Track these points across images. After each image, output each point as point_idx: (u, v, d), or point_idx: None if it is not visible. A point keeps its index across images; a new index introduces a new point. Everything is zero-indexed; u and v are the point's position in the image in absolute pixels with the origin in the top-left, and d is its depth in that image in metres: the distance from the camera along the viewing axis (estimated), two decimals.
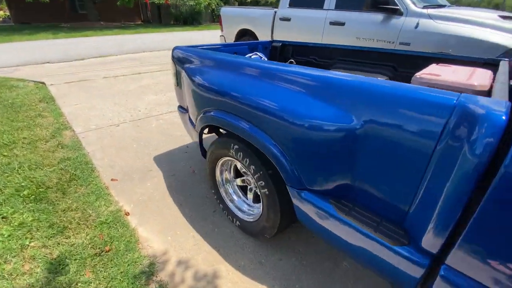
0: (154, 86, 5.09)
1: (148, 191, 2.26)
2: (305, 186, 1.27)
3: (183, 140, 3.10)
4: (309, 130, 1.14)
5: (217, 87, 1.54)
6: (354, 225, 1.11)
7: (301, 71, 1.21)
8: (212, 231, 1.88)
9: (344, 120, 1.06)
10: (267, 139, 1.30)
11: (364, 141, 1.04)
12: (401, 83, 0.97)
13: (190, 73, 1.84)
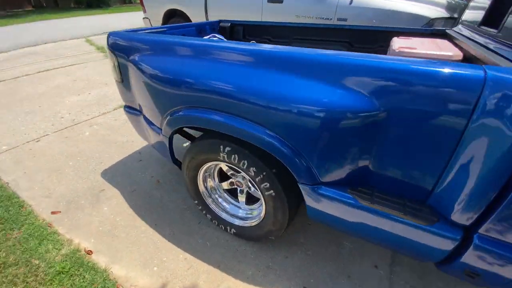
0: (72, 84, 4.17)
1: (109, 217, 1.84)
2: (319, 181, 1.17)
3: (132, 146, 2.63)
4: (326, 119, 1.01)
5: (193, 80, 1.26)
6: (381, 212, 1.07)
7: (309, 53, 1.05)
8: (204, 247, 1.66)
9: (366, 103, 0.97)
10: (272, 136, 1.13)
11: (388, 123, 0.97)
12: (423, 60, 0.91)
13: (142, 66, 1.47)
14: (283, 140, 1.13)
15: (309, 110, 1.02)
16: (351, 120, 0.99)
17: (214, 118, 1.24)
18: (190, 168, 1.56)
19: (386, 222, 1.08)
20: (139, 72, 1.49)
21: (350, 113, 0.98)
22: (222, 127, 1.24)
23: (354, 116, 0.98)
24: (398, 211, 1.05)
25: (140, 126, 1.91)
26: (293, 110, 1.04)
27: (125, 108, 1.97)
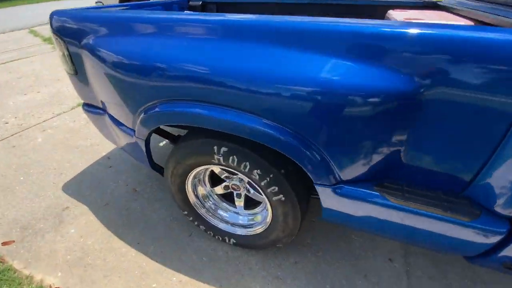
0: (17, 82, 3.55)
1: (78, 241, 1.52)
2: (339, 179, 0.98)
3: (98, 150, 2.25)
4: (353, 102, 0.81)
5: (167, 64, 0.98)
6: (415, 210, 0.92)
7: (328, 22, 0.82)
8: (199, 263, 1.42)
9: (401, 82, 0.78)
10: (280, 129, 0.91)
11: (428, 105, 0.80)
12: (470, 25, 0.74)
13: (99, 52, 1.15)
14: (295, 134, 0.91)
15: (330, 92, 0.81)
16: (384, 103, 0.80)
17: (202, 113, 0.99)
18: (175, 175, 1.30)
19: (419, 220, 0.93)
20: (97, 60, 1.17)
21: (383, 94, 0.79)
22: (215, 124, 0.99)
23: (387, 97, 0.79)
24: (436, 207, 0.90)
25: (105, 128, 1.58)
26: (307, 94, 0.83)
27: (84, 106, 1.61)
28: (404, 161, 0.93)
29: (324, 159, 0.94)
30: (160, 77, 1.01)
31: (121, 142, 1.54)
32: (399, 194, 0.94)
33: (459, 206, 0.90)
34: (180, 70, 0.96)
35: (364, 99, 0.80)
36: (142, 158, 1.42)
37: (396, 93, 0.78)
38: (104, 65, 1.17)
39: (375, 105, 0.80)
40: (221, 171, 1.34)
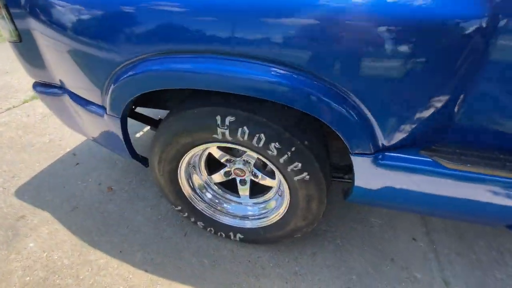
0: None
1: (39, 258, 1.19)
2: (381, 145, 0.79)
3: (60, 147, 1.88)
4: (408, 35, 0.61)
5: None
6: (477, 175, 0.75)
7: None
8: (201, 268, 1.17)
9: (463, 5, 0.59)
10: (314, 84, 0.69)
11: (496, 37, 0.62)
12: None
13: (55, 5, 0.85)
14: (330, 87, 0.70)
15: (379, 22, 0.61)
16: (448, 34, 0.61)
17: (204, 68, 0.73)
18: (165, 162, 1.02)
19: (479, 186, 0.77)
20: (48, 13, 0.86)
21: (438, 22, 0.60)
22: (221, 82, 0.74)
23: (445, 26, 0.60)
24: (501, 169, 0.74)
25: (66, 112, 1.25)
26: (348, 29, 0.61)
27: (35, 87, 1.26)
28: (457, 118, 0.76)
29: (365, 120, 0.73)
30: (139, 23, 0.74)
31: (88, 128, 1.23)
32: (454, 157, 0.77)
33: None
34: (167, 12, 0.70)
35: (425, 28, 0.60)
36: (118, 145, 1.12)
37: (465, 19, 0.60)
38: (58, 20, 0.86)
39: (439, 36, 0.61)
40: (222, 154, 1.09)
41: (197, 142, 0.92)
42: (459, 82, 0.68)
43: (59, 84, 1.16)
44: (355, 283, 1.13)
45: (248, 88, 0.73)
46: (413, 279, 1.14)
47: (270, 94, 0.72)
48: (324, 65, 0.67)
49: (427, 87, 0.70)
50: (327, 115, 0.73)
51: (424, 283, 1.13)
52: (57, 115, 1.35)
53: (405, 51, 0.64)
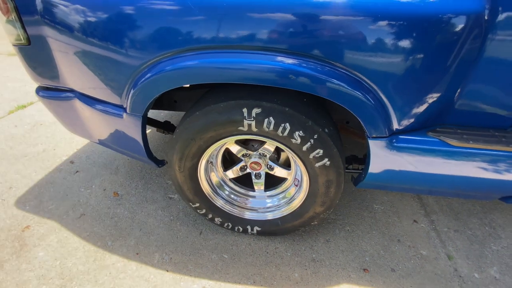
0: None
1: (52, 266, 1.15)
2: (394, 129, 0.87)
3: (55, 155, 1.81)
4: (420, 28, 0.71)
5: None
6: (480, 150, 0.85)
7: None
8: (221, 262, 1.19)
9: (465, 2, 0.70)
10: (338, 74, 0.76)
11: (495, 27, 0.73)
12: None
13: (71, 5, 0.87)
14: (350, 76, 0.77)
15: (393, 17, 0.69)
16: (449, 26, 0.71)
17: (237, 62, 0.78)
18: (186, 158, 1.05)
19: (481, 162, 0.88)
20: (63, 17, 0.88)
21: (448, 15, 0.70)
22: (251, 74, 0.79)
23: (452, 19, 0.70)
24: (499, 144, 0.85)
25: (72, 115, 1.24)
26: (367, 22, 0.70)
27: (39, 91, 1.24)
28: (457, 102, 0.86)
29: (383, 105, 0.82)
30: (169, 20, 0.77)
31: (98, 131, 1.22)
32: (457, 136, 0.87)
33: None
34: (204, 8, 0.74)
35: (435, 22, 0.70)
36: (134, 145, 1.13)
37: (468, 13, 0.70)
38: (75, 24, 0.88)
39: (445, 29, 0.71)
40: (239, 149, 1.13)
41: (222, 136, 0.96)
42: (460, 71, 0.78)
43: (69, 88, 1.15)
44: (369, 264, 1.20)
45: (275, 78, 0.78)
46: (420, 256, 1.24)
47: (295, 84, 0.78)
48: (345, 55, 0.74)
49: (434, 74, 0.79)
50: (353, 103, 0.80)
51: (430, 258, 1.22)
52: (61, 119, 1.33)
53: (413, 41, 0.73)
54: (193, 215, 1.40)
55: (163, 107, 1.38)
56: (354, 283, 1.12)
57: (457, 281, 1.14)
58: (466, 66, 0.78)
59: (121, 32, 0.86)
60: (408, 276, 1.16)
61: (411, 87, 0.80)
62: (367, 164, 0.97)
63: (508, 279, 1.15)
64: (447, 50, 0.75)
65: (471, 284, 1.13)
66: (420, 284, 1.13)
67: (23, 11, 0.98)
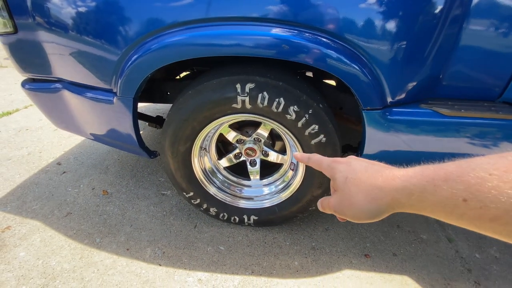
0: None
1: (34, 265, 1.07)
2: (388, 101, 0.88)
3: (41, 158, 1.74)
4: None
5: None
6: (471, 119, 0.87)
7: None
8: (217, 254, 1.14)
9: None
10: (335, 47, 0.77)
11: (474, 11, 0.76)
12: None
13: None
14: (346, 48, 0.78)
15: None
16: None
17: (231, 33, 0.78)
18: (180, 142, 1.02)
19: (473, 131, 0.89)
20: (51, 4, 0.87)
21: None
22: (244, 47, 0.79)
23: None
24: (490, 112, 0.86)
25: (60, 108, 1.21)
26: None
27: (25, 84, 1.21)
28: (446, 76, 0.88)
29: (376, 77, 0.83)
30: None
31: (89, 121, 1.19)
32: (449, 106, 0.88)
33: (505, 108, 0.88)
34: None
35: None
36: (125, 134, 1.10)
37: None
38: (65, 6, 0.88)
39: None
40: (234, 135, 1.11)
41: (215, 115, 0.94)
42: (447, 42, 0.81)
43: (57, 78, 1.12)
44: (370, 250, 1.17)
45: (271, 50, 0.78)
46: (420, 240, 1.21)
47: (291, 54, 0.78)
48: (343, 28, 0.76)
49: (423, 48, 0.81)
50: (348, 75, 0.81)
51: (431, 242, 1.20)
52: (48, 113, 1.29)
53: (404, 17, 0.76)
54: (187, 210, 1.35)
55: (156, 99, 1.36)
56: (356, 268, 1.09)
57: (460, 261, 1.12)
58: (451, 40, 0.80)
59: (107, 14, 0.87)
60: (411, 259, 1.13)
61: (403, 61, 0.81)
62: (362, 140, 0.97)
63: (508, 257, 1.14)
64: (433, 25, 0.77)
65: (473, 264, 1.11)
66: (423, 266, 1.10)
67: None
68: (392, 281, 1.04)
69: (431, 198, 0.24)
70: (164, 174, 1.60)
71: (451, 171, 0.23)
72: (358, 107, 0.89)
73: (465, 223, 0.23)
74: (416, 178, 0.26)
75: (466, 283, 1.04)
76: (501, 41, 0.80)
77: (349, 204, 0.31)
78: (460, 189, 0.22)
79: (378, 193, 0.29)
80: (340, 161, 0.35)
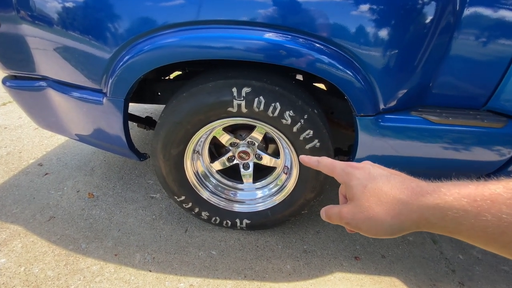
0: None
1: (15, 273, 1.02)
2: (380, 108, 0.90)
3: (21, 158, 1.66)
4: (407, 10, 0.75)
5: None
6: (458, 126, 0.90)
7: None
8: (209, 259, 1.12)
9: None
10: (331, 54, 0.78)
11: (467, 13, 0.79)
12: None
13: None
14: (341, 55, 0.80)
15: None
16: (425, 8, 0.77)
17: (224, 36, 0.78)
18: (172, 144, 1.00)
19: (460, 137, 0.93)
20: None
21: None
22: (241, 50, 0.79)
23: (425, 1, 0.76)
24: (475, 120, 0.90)
25: (43, 107, 1.16)
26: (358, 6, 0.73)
27: (5, 81, 1.15)
28: (435, 85, 0.91)
29: (370, 84, 0.84)
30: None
31: (75, 122, 1.14)
32: (437, 114, 0.92)
33: (489, 117, 0.92)
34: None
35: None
36: (114, 135, 1.06)
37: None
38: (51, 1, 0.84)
39: (425, 13, 0.76)
40: (229, 138, 1.10)
41: (210, 119, 0.93)
42: (436, 55, 0.84)
43: (42, 76, 1.07)
44: (360, 252, 1.19)
45: (264, 54, 0.78)
46: (407, 241, 1.25)
47: (285, 59, 0.79)
48: (337, 33, 0.77)
49: (415, 56, 0.84)
50: (343, 82, 0.82)
51: (417, 244, 1.24)
52: (31, 113, 1.23)
53: (397, 25, 0.78)
54: (178, 213, 1.32)
55: (146, 100, 1.33)
56: (347, 271, 1.10)
57: (444, 263, 1.16)
58: (441, 50, 0.83)
59: (98, 11, 0.84)
60: (398, 261, 1.16)
61: (395, 68, 0.83)
62: (355, 145, 0.99)
63: (490, 258, 1.19)
64: (423, 35, 0.80)
65: (457, 265, 1.16)
66: (410, 268, 1.13)
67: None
68: (381, 282, 1.07)
69: (471, 221, 0.21)
70: (153, 176, 1.56)
71: (499, 192, 0.20)
72: (349, 111, 0.91)
73: (510, 252, 0.20)
74: (453, 196, 0.22)
75: (450, 283, 1.08)
76: (487, 52, 0.84)
77: (366, 217, 0.27)
78: (510, 215, 0.19)
79: (402, 209, 0.25)
80: (357, 167, 0.31)
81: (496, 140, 0.93)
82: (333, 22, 0.76)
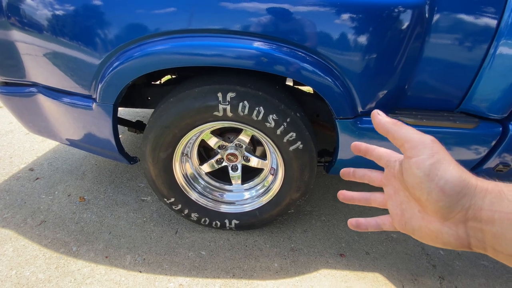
0: None
1: (6, 277, 1.03)
2: (359, 111, 0.95)
3: (12, 164, 1.67)
4: (377, 17, 0.80)
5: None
6: (433, 127, 0.95)
7: None
8: (198, 259, 1.15)
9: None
10: (311, 61, 0.83)
11: (433, 18, 0.85)
12: None
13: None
14: (320, 61, 0.84)
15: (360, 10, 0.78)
16: (399, 16, 0.82)
17: (211, 45, 0.81)
18: (161, 148, 1.03)
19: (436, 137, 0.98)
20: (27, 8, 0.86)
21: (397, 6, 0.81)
22: (226, 58, 0.82)
23: (399, 9, 0.81)
24: (448, 121, 0.96)
25: (34, 113, 1.18)
26: (337, 14, 0.78)
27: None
28: (410, 89, 0.97)
29: (348, 89, 0.89)
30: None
31: (66, 127, 1.16)
32: (413, 116, 0.97)
33: (462, 118, 0.98)
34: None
35: (392, 13, 0.80)
36: (104, 140, 1.09)
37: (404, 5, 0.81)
38: (41, 7, 0.86)
39: (393, 20, 0.81)
40: (217, 141, 1.14)
41: (197, 123, 0.96)
42: (410, 60, 0.89)
43: (32, 82, 1.09)
44: (345, 249, 1.23)
45: (252, 62, 0.82)
46: (391, 238, 1.30)
47: (271, 67, 0.83)
48: (317, 43, 0.81)
49: (390, 62, 0.89)
50: (323, 87, 0.86)
51: (400, 240, 1.29)
52: (22, 119, 1.24)
53: (373, 33, 0.82)
54: (168, 216, 1.35)
55: (136, 104, 1.35)
56: (332, 267, 1.14)
57: (425, 258, 1.21)
58: (414, 57, 0.88)
59: (88, 19, 0.86)
60: (382, 257, 1.21)
61: (372, 74, 0.88)
62: (336, 146, 1.03)
63: (469, 253, 1.25)
64: (397, 41, 0.85)
65: (437, 260, 1.21)
66: (393, 264, 1.18)
67: None
68: (364, 278, 1.11)
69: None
70: (143, 180, 1.58)
71: None
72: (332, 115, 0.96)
73: None
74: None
75: (431, 278, 1.13)
76: (457, 56, 0.89)
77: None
78: None
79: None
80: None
81: (468, 140, 0.98)
82: (313, 31, 0.81)
